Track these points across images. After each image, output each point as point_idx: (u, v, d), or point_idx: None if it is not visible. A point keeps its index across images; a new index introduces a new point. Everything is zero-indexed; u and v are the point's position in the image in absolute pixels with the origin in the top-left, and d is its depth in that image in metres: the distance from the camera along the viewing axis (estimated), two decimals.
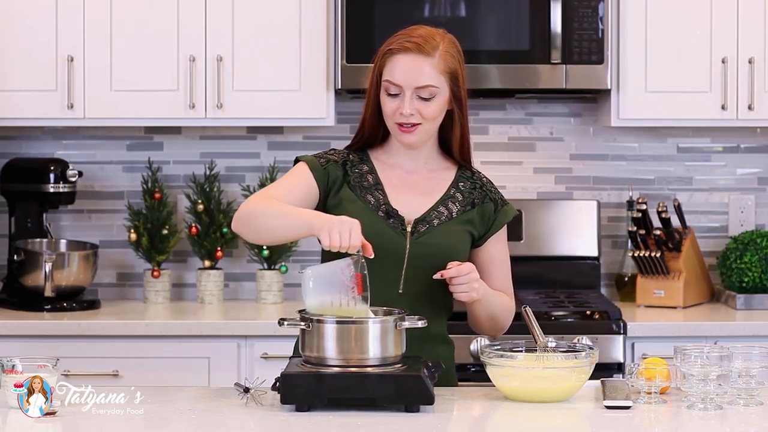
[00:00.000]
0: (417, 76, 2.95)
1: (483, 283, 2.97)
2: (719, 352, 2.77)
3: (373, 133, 3.07)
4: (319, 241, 2.81)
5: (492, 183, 3.15)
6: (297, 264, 4.60)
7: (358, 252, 2.76)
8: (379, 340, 2.73)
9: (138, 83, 4.39)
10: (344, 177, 3.03)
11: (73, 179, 4.52)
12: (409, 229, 2.99)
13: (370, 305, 2.79)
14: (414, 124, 2.97)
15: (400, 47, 2.97)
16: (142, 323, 4.19)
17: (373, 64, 3.03)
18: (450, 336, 3.10)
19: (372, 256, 2.78)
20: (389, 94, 2.98)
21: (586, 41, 4.33)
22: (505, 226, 3.11)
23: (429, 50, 2.96)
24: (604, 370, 3.87)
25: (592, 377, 2.85)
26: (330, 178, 3.02)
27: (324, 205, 3.02)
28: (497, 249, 3.09)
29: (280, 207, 2.91)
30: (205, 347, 4.13)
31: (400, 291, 2.96)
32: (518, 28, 4.37)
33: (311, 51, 4.38)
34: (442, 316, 3.05)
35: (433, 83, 2.96)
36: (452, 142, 3.07)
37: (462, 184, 3.09)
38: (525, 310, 2.93)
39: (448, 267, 2.91)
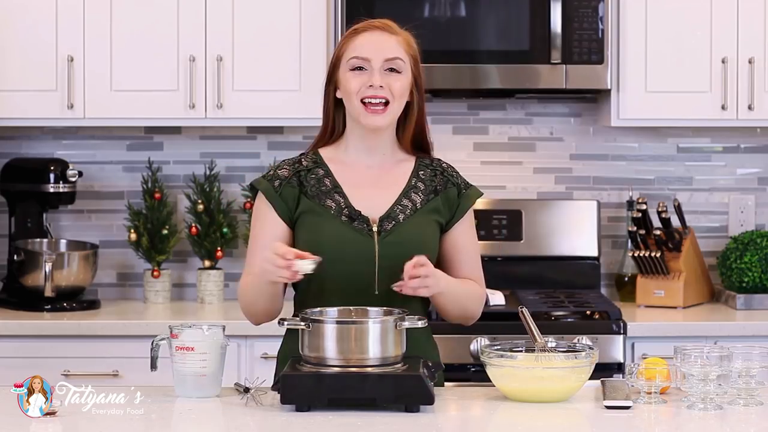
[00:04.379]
0: (386, 49, 2.96)
1: (444, 277, 2.93)
2: (719, 352, 2.77)
3: (334, 127, 3.05)
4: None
5: (453, 168, 3.10)
6: None
7: (311, 264, 2.81)
8: (379, 340, 2.73)
9: (138, 83, 4.39)
10: (300, 189, 2.99)
11: (73, 179, 4.52)
12: (375, 228, 2.96)
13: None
14: (384, 105, 2.95)
15: (366, 26, 3.00)
16: (142, 323, 4.19)
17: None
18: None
19: (318, 258, 2.81)
20: (355, 71, 2.96)
21: (586, 41, 4.33)
22: (472, 210, 3.07)
23: (394, 30, 3.01)
24: (604, 370, 3.86)
25: (592, 377, 2.85)
26: (288, 204, 2.98)
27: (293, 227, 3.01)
28: (464, 235, 3.05)
29: (244, 286, 3.03)
30: None
31: (376, 292, 2.93)
32: (518, 28, 4.37)
33: (311, 51, 4.38)
34: (422, 312, 3.00)
35: (400, 56, 2.97)
36: (405, 132, 3.04)
37: (422, 172, 3.05)
38: (522, 311, 2.92)
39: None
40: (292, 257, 2.77)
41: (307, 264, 2.79)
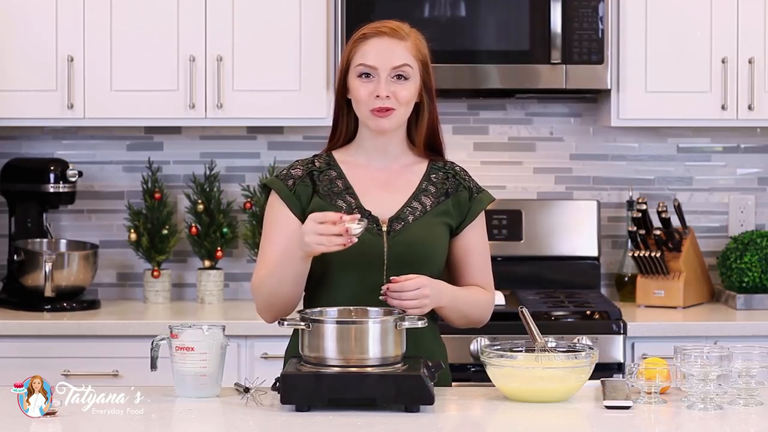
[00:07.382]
0: (393, 56, 2.96)
1: (443, 293, 2.92)
2: (719, 352, 2.77)
3: (347, 128, 3.06)
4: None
5: (466, 171, 3.11)
6: None
7: (359, 227, 2.76)
8: (379, 340, 2.73)
9: (138, 83, 4.39)
10: (313, 188, 3.00)
11: (73, 179, 4.52)
12: (384, 228, 2.96)
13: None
14: (388, 109, 2.95)
15: (373, 31, 2.99)
16: (142, 323, 4.19)
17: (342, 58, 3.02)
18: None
19: (359, 216, 2.81)
20: (362, 77, 2.97)
21: (586, 41, 4.33)
22: (483, 214, 3.07)
23: (402, 35, 2.99)
24: (604, 370, 3.87)
25: (592, 377, 2.85)
26: (302, 201, 2.99)
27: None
28: (475, 239, 3.06)
29: (262, 277, 2.93)
30: None
31: None
32: (518, 28, 4.37)
33: (311, 51, 4.38)
34: (430, 312, 3.00)
35: (408, 63, 2.97)
36: (417, 134, 3.04)
37: (434, 175, 3.05)
38: (522, 311, 2.92)
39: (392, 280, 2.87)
40: (342, 220, 2.74)
41: (356, 226, 2.76)
